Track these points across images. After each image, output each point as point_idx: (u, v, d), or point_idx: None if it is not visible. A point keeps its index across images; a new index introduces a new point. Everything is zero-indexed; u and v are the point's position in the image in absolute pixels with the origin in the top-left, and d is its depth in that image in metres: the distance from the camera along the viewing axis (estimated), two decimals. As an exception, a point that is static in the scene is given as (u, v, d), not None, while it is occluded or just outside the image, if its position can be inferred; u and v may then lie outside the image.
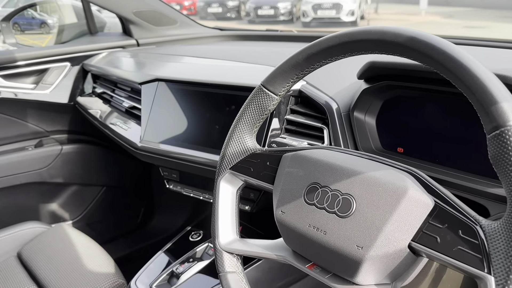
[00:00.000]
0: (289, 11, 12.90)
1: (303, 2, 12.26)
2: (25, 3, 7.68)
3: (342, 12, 11.80)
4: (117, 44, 1.60)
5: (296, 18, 13.05)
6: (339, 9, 11.80)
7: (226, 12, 13.60)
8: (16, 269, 1.11)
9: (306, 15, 11.97)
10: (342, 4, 11.75)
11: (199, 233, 1.17)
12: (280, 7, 12.77)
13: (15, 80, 1.44)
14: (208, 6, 13.43)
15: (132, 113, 1.25)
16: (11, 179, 1.45)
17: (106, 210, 1.74)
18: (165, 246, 1.14)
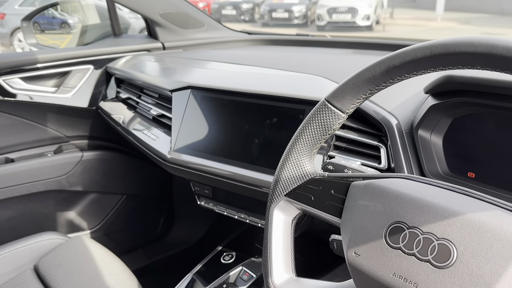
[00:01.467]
0: (304, 15, 12.87)
1: (318, 6, 12.23)
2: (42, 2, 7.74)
3: (358, 17, 11.75)
4: (143, 47, 1.52)
5: (310, 22, 13.02)
6: (354, 13, 11.75)
7: (240, 14, 13.61)
8: (32, 284, 1.04)
9: (321, 18, 11.93)
10: (358, 9, 11.71)
11: (231, 255, 1.09)
12: (294, 11, 12.75)
13: (35, 83, 1.38)
14: (222, 8, 13.44)
15: (160, 122, 1.18)
16: (28, 186, 1.38)
17: (125, 220, 1.67)
18: (195, 268, 1.06)
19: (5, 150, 1.39)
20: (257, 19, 13.76)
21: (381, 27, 12.47)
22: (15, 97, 1.33)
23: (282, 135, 0.85)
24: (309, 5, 13.02)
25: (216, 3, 13.62)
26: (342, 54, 1.33)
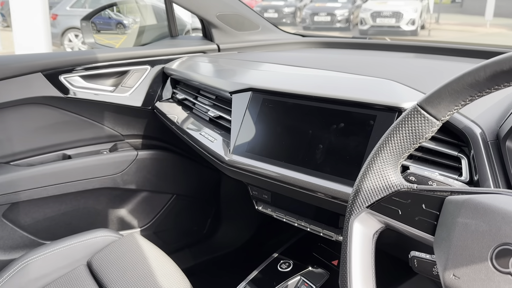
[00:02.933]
0: (346, 18, 12.74)
1: (361, 10, 12.07)
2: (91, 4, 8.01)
3: (402, 21, 11.50)
4: (198, 48, 1.53)
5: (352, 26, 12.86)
6: (399, 18, 11.51)
7: (282, 18, 13.63)
8: (86, 280, 1.05)
9: (364, 22, 11.77)
10: (403, 13, 11.47)
11: (288, 263, 1.06)
12: (337, 14, 12.64)
13: (94, 82, 1.41)
14: (265, 12, 13.51)
15: (217, 123, 1.17)
16: (84, 183, 1.41)
17: (174, 219, 1.67)
18: (251, 274, 1.04)
19: (63, 147, 1.43)
20: (298, 22, 13.75)
21: (426, 32, 12.14)
22: (75, 95, 1.36)
23: (350, 141, 0.82)
24: (352, 9, 12.88)
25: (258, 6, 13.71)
26: (405, 58, 1.28)
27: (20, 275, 1.08)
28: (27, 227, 1.38)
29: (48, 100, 1.33)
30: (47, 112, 1.35)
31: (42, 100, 1.32)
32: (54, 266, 1.11)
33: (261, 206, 1.07)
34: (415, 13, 11.29)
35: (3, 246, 1.34)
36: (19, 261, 1.11)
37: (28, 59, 1.28)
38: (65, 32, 8.65)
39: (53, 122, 1.37)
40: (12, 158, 1.34)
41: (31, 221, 1.39)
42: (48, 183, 1.34)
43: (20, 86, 1.27)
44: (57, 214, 1.43)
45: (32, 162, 1.37)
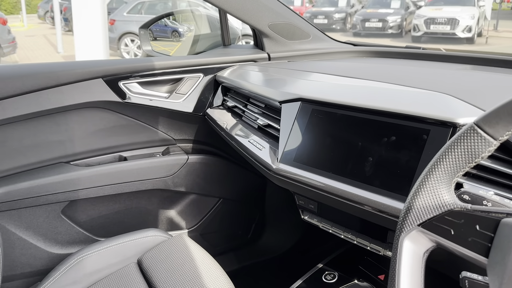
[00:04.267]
0: (398, 25, 12.45)
1: (415, 16, 11.75)
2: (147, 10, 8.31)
3: (458, 28, 11.07)
4: (250, 57, 1.56)
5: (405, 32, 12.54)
6: (454, 25, 11.09)
7: (332, 24, 13.53)
8: (136, 277, 1.10)
9: (418, 29, 11.44)
10: (459, 20, 11.04)
11: (333, 274, 1.05)
12: (389, 20, 12.38)
13: (151, 88, 1.47)
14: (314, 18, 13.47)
15: (266, 131, 1.19)
16: (138, 184, 1.48)
17: (220, 222, 1.71)
18: (296, 284, 1.05)
19: (120, 149, 1.50)
20: (349, 28, 13.59)
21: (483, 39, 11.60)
22: (132, 100, 1.43)
23: (401, 155, 0.81)
24: (405, 15, 12.56)
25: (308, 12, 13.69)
26: (462, 70, 1.24)
27: (75, 269, 1.15)
28: (83, 223, 1.46)
29: (107, 105, 1.41)
30: (106, 116, 1.43)
31: (102, 104, 1.40)
32: (106, 262, 1.17)
33: (307, 216, 1.08)
34: (471, 19, 10.84)
35: (61, 241, 1.43)
36: (75, 255, 1.18)
37: (90, 66, 1.37)
38: (121, 37, 9.06)
39: (111, 125, 1.45)
40: (73, 158, 1.43)
41: (87, 218, 1.47)
42: (104, 183, 1.42)
43: (83, 90, 1.35)
44: (111, 213, 1.51)
45: (90, 162, 1.46)
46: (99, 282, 1.11)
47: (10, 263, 1.36)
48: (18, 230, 1.35)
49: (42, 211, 1.37)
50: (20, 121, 1.31)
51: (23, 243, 1.36)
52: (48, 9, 16.00)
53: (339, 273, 1.05)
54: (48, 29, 15.27)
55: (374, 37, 12.09)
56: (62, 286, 1.11)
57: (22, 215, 1.35)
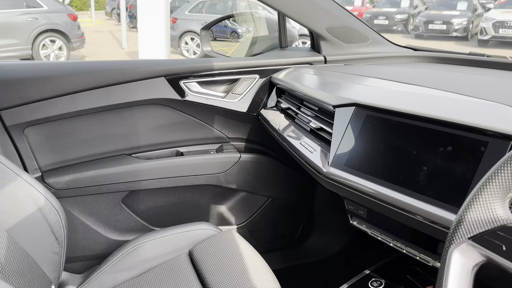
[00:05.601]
0: (464, 28, 11.86)
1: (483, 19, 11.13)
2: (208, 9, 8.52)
3: (530, 33, 10.35)
4: (305, 60, 1.57)
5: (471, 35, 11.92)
6: (526, 29, 10.38)
7: (393, 25, 13.13)
8: (186, 268, 1.15)
9: (485, 32, 10.83)
10: (532, 24, 10.32)
11: (380, 281, 1.05)
12: (454, 23, 11.83)
13: (209, 88, 1.53)
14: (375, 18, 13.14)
15: (318, 135, 1.20)
16: (192, 179, 1.54)
17: (268, 221, 1.74)
18: None
19: (177, 144, 1.58)
20: (410, 30, 13.13)
21: (560, 45, 10.77)
22: (191, 99, 1.49)
23: (457, 166, 0.79)
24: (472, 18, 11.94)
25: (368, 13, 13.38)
26: None
27: (131, 256, 1.22)
28: (140, 213, 1.55)
29: (168, 102, 1.48)
30: (166, 113, 1.51)
31: (163, 101, 1.48)
32: (160, 251, 1.24)
33: (356, 221, 1.07)
34: (547, 23, 10.12)
35: (120, 228, 1.53)
36: (131, 243, 1.25)
37: (154, 65, 1.45)
38: (182, 35, 9.34)
39: (170, 121, 1.52)
40: (134, 151, 1.52)
41: (144, 208, 1.55)
42: (162, 175, 1.49)
43: (147, 88, 1.43)
44: (167, 204, 1.58)
45: (150, 156, 1.54)
46: (152, 269, 1.17)
47: (73, 245, 1.47)
48: (82, 216, 1.46)
49: (104, 199, 1.47)
50: (89, 114, 1.41)
51: (85, 228, 1.47)
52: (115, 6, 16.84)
53: (386, 281, 1.04)
54: (114, 25, 16.08)
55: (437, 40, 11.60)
56: (118, 271, 1.19)
57: (86, 201, 1.45)
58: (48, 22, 7.91)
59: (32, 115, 1.35)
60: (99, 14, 20.42)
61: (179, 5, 11.40)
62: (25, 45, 7.75)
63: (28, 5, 7.81)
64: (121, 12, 11.04)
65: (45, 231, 1.10)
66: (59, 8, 8.23)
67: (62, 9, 8.28)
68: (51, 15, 7.97)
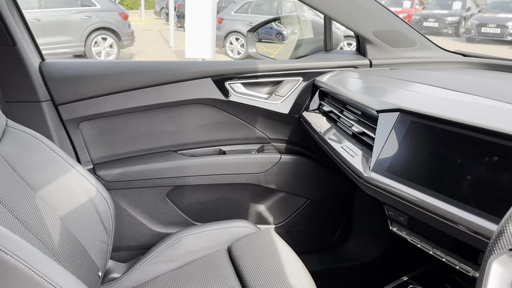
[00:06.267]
0: (520, 31, 11.27)
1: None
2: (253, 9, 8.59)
3: None
4: (350, 63, 1.57)
5: (528, 40, 11.33)
6: None
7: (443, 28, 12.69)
8: (225, 262, 1.19)
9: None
10: None
11: (419, 289, 1.04)
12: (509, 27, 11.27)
13: (252, 89, 1.56)
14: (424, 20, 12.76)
15: (360, 139, 1.20)
16: (233, 177, 1.58)
17: (306, 223, 1.75)
18: None
19: (220, 143, 1.62)
20: (462, 33, 12.63)
21: None
22: (235, 99, 1.53)
23: (502, 177, 0.78)
24: (531, 21, 11.34)
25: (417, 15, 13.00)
26: None
27: (173, 248, 1.27)
28: (183, 207, 1.61)
29: (213, 102, 1.53)
30: (211, 112, 1.55)
31: (209, 101, 1.53)
32: (200, 245, 1.28)
33: (396, 228, 1.07)
34: None
35: (163, 221, 1.59)
36: (174, 236, 1.31)
37: (202, 66, 1.50)
38: (227, 35, 9.47)
39: (215, 121, 1.57)
40: (180, 147, 1.58)
41: (186, 203, 1.61)
42: (204, 173, 1.54)
43: (194, 88, 1.49)
44: (208, 201, 1.63)
45: (194, 153, 1.60)
46: (193, 262, 1.22)
47: (119, 235, 1.55)
48: (128, 207, 1.53)
49: (150, 192, 1.54)
50: (139, 111, 1.49)
51: (131, 219, 1.54)
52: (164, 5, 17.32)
53: None
54: (162, 24, 16.53)
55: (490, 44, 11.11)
56: (161, 262, 1.25)
57: (133, 194, 1.52)
58: (101, 21, 8.25)
59: (86, 111, 1.44)
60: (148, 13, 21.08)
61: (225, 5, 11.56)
62: (79, 42, 8.13)
63: (83, 4, 8.18)
64: (170, 11, 11.34)
65: (95, 220, 1.17)
66: (111, 7, 8.56)
67: (114, 8, 8.61)
68: (104, 13, 8.30)
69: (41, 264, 0.72)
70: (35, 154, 1.10)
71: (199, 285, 1.12)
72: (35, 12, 7.63)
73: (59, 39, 7.89)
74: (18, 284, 0.70)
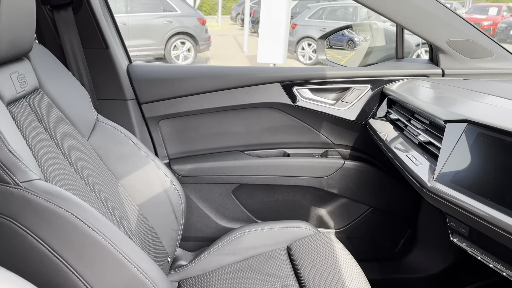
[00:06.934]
0: None
1: None
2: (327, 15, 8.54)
3: None
4: (421, 72, 1.56)
5: None
6: None
7: (534, 36, 11.73)
8: (284, 261, 1.24)
9: None
10: None
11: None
12: None
13: (319, 95, 1.60)
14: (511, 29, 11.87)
15: (426, 148, 1.19)
16: (296, 179, 1.63)
17: (368, 230, 1.75)
18: None
19: (285, 145, 1.68)
20: (556, 42, 11.59)
21: None
22: (302, 104, 1.58)
23: None
24: None
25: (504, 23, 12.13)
26: None
27: (236, 242, 1.35)
28: (247, 205, 1.69)
29: (280, 106, 1.60)
30: (278, 116, 1.62)
31: (276, 105, 1.59)
32: (261, 242, 1.35)
33: (456, 239, 1.06)
34: None
35: (228, 216, 1.68)
36: (237, 231, 1.39)
37: (271, 71, 1.57)
38: (300, 41, 9.53)
39: (281, 124, 1.64)
40: (247, 148, 1.67)
41: (250, 201, 1.69)
42: (268, 173, 1.61)
43: (263, 92, 1.57)
44: (271, 200, 1.70)
45: (259, 154, 1.68)
46: (253, 257, 1.29)
47: (188, 226, 1.66)
48: (198, 201, 1.65)
49: (217, 188, 1.64)
50: (212, 112, 1.59)
51: (199, 212, 1.65)
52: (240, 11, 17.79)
53: None
54: (237, 30, 17.01)
55: None
56: (224, 254, 1.33)
57: (202, 189, 1.63)
58: (180, 25, 8.71)
59: (166, 110, 1.57)
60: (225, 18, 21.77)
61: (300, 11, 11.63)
62: (159, 46, 8.65)
63: (165, 9, 8.69)
64: (245, 17, 11.65)
65: (168, 210, 1.29)
66: (191, 12, 9.00)
67: (193, 14, 9.04)
68: (184, 18, 8.75)
69: (121, 243, 0.83)
70: (120, 146, 1.23)
71: (258, 279, 1.18)
72: (122, 16, 8.26)
73: (142, 42, 8.45)
74: (101, 258, 0.81)
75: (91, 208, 0.83)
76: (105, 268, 0.80)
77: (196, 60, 9.02)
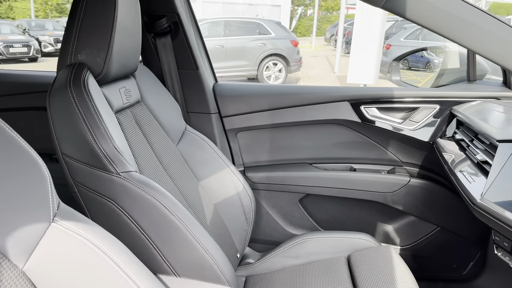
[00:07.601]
0: None
1: None
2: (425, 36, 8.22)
3: None
4: (492, 94, 1.56)
5: None
6: None
7: None
8: (343, 269, 1.31)
9: None
10: None
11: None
12: None
13: (387, 113, 1.68)
14: None
15: (482, 167, 1.23)
16: (361, 193, 1.72)
17: (434, 250, 1.76)
18: None
19: (351, 161, 1.78)
20: None
21: None
22: (369, 122, 1.68)
23: None
24: None
25: None
26: None
27: (300, 246, 1.47)
28: (312, 214, 1.81)
29: (348, 123, 1.71)
30: (345, 132, 1.73)
31: (344, 122, 1.71)
32: (323, 248, 1.44)
33: (500, 253, 1.08)
34: None
35: (294, 223, 1.82)
36: (301, 237, 1.51)
37: (340, 91, 1.70)
38: (392, 62, 9.31)
39: (348, 140, 1.74)
40: (315, 161, 1.80)
41: (315, 211, 1.81)
42: (335, 185, 1.72)
43: (332, 109, 1.69)
44: (336, 212, 1.80)
45: (327, 167, 1.79)
46: (314, 262, 1.39)
47: (257, 229, 1.83)
48: (267, 206, 1.81)
49: (285, 196, 1.79)
50: (284, 127, 1.76)
51: (268, 217, 1.81)
52: (334, 32, 17.88)
53: None
54: (330, 50, 17.08)
55: None
56: (288, 256, 1.45)
57: (272, 196, 1.79)
58: (274, 47, 9.09)
59: (243, 123, 1.77)
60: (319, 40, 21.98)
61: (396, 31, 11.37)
62: (253, 67, 9.10)
63: (260, 32, 9.15)
64: (338, 38, 11.72)
65: (239, 211, 1.46)
66: (284, 35, 9.35)
67: (287, 36, 9.38)
68: (277, 41, 9.13)
69: (195, 229, 1.02)
70: (202, 153, 1.45)
71: (317, 282, 1.27)
72: (220, 40, 8.88)
73: (237, 63, 8.97)
74: (177, 239, 1.00)
75: (174, 198, 1.03)
76: (180, 247, 0.99)
77: (287, 81, 9.31)
